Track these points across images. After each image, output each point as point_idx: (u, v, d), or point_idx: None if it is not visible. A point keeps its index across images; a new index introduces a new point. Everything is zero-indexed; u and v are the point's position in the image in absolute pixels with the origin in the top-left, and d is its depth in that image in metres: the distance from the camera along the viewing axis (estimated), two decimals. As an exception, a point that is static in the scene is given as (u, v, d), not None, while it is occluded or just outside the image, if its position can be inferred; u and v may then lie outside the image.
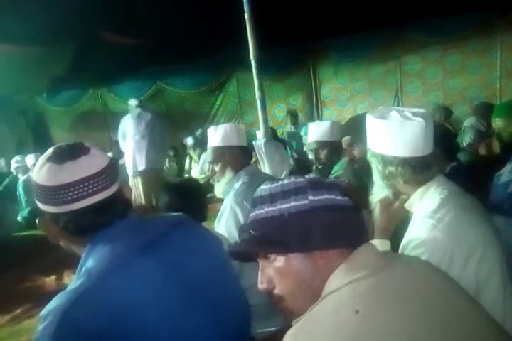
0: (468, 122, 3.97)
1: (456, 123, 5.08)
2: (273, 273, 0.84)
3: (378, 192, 1.38)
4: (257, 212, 0.85)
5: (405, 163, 1.24)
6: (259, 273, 0.87)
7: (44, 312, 0.88)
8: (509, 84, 6.55)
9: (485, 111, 4.00)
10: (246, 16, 3.73)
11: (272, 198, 0.84)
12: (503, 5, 5.99)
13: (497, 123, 2.41)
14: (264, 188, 0.87)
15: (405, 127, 1.21)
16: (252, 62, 3.77)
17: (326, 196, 0.81)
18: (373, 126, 1.29)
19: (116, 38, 6.76)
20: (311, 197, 0.81)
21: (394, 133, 1.22)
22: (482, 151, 2.66)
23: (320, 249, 0.80)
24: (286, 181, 0.85)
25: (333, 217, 0.80)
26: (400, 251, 1.26)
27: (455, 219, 1.17)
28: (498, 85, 6.65)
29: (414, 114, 1.22)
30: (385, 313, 0.70)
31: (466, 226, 1.17)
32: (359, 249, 0.81)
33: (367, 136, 1.34)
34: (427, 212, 1.22)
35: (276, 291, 0.84)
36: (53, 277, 3.25)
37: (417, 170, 1.25)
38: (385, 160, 1.27)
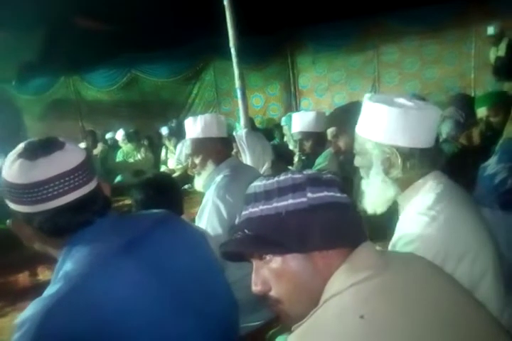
0: (447, 112, 3.98)
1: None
2: (269, 274, 0.79)
3: (374, 188, 1.29)
4: (251, 209, 0.80)
5: (412, 154, 1.18)
6: (253, 275, 0.81)
7: (19, 320, 0.82)
8: (483, 75, 6.63)
9: (462, 102, 4.02)
10: (225, 2, 3.63)
11: (267, 195, 0.78)
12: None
13: (483, 112, 2.42)
14: (259, 184, 0.81)
15: (421, 116, 1.14)
16: (232, 51, 3.67)
17: (325, 193, 0.77)
18: (382, 114, 1.18)
19: (89, 23, 6.54)
20: (309, 195, 0.76)
21: (412, 123, 1.15)
22: (463, 142, 2.68)
23: (319, 249, 0.75)
24: (282, 177, 0.79)
25: (332, 215, 0.76)
26: (390, 246, 1.23)
27: (450, 217, 1.14)
28: (472, 76, 6.75)
29: (417, 104, 1.16)
30: (390, 317, 0.67)
31: (461, 225, 1.14)
32: (359, 248, 0.77)
33: (367, 126, 1.24)
34: (422, 208, 1.18)
35: (272, 293, 0.79)
36: (26, 273, 3.13)
37: (425, 161, 1.20)
38: (390, 152, 1.20)
